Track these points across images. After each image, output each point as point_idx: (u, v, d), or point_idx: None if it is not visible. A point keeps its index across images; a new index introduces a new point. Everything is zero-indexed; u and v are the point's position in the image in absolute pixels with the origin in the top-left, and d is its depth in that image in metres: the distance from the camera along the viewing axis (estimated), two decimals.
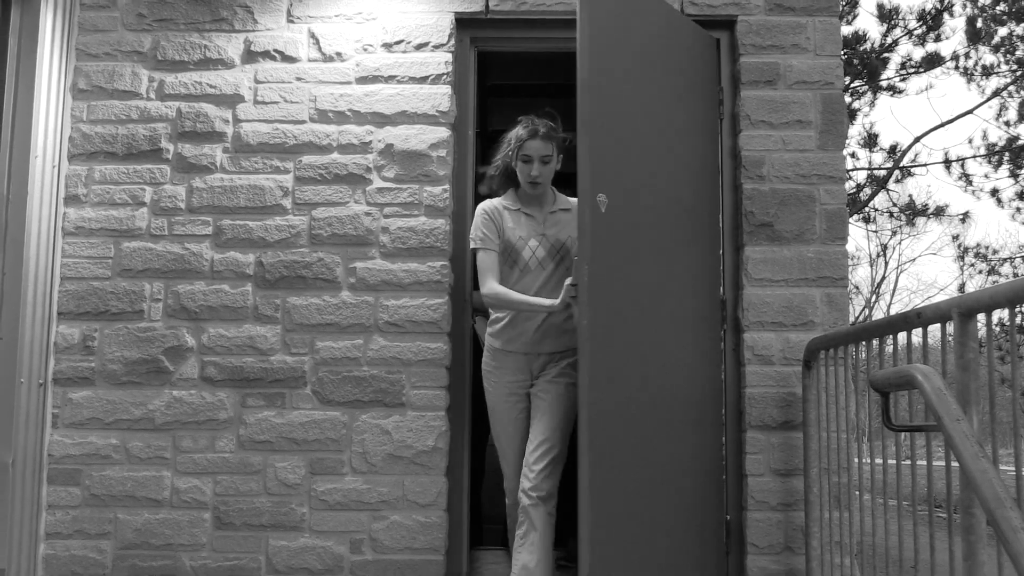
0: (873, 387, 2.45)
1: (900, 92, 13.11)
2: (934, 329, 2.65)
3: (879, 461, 3.05)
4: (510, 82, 6.56)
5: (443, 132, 3.80)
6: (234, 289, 3.74)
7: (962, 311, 2.31)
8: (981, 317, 2.37)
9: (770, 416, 3.64)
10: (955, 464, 2.41)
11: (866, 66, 11.76)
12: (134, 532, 3.61)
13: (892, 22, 12.65)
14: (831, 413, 3.38)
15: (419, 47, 3.85)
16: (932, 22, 12.68)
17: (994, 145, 13.97)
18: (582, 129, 3.10)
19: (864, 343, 3.12)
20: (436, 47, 3.85)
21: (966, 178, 14.31)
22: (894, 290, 22.94)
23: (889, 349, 2.98)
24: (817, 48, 3.84)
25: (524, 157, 3.45)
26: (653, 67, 3.47)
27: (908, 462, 3.11)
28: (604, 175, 3.16)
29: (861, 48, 12.29)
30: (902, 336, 2.80)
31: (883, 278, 22.25)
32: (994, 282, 15.36)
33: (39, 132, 3.63)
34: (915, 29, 12.82)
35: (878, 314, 21.63)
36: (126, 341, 3.71)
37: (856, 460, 3.33)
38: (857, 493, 3.36)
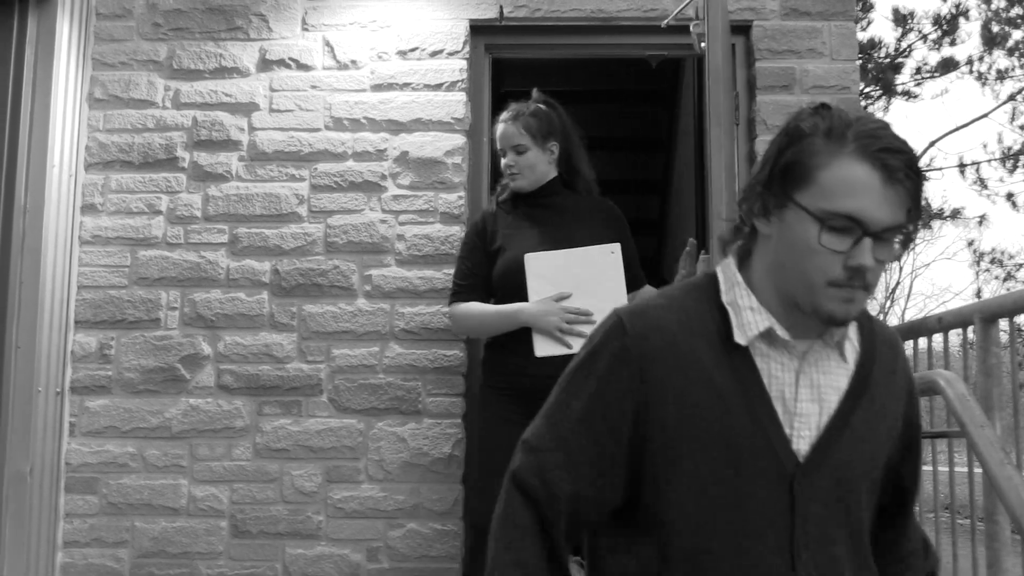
0: None
1: (915, 97, 13.07)
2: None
3: None
4: (524, 89, 6.56)
5: (458, 139, 3.80)
6: (250, 297, 3.74)
7: (985, 316, 2.29)
8: (1002, 323, 2.35)
9: None
10: (977, 470, 2.38)
11: (880, 74, 11.73)
12: (151, 540, 3.61)
13: (907, 26, 12.62)
14: None
15: (434, 54, 3.85)
16: (947, 26, 12.64)
17: (1009, 149, 13.92)
18: (715, 123, 3.05)
19: None
20: (451, 54, 3.85)
21: (981, 182, 14.26)
22: (908, 295, 22.86)
23: (908, 354, 2.95)
24: (833, 53, 3.82)
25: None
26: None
27: (928, 468, 3.08)
28: None
29: (875, 53, 12.26)
30: (922, 341, 2.78)
31: (897, 283, 22.17)
32: (1008, 288, 15.26)
33: (56, 142, 3.64)
34: (930, 34, 12.78)
35: (892, 319, 21.53)
36: (143, 349, 3.72)
37: None
38: None
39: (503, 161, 3.26)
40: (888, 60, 12.48)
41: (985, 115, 14.20)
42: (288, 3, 3.90)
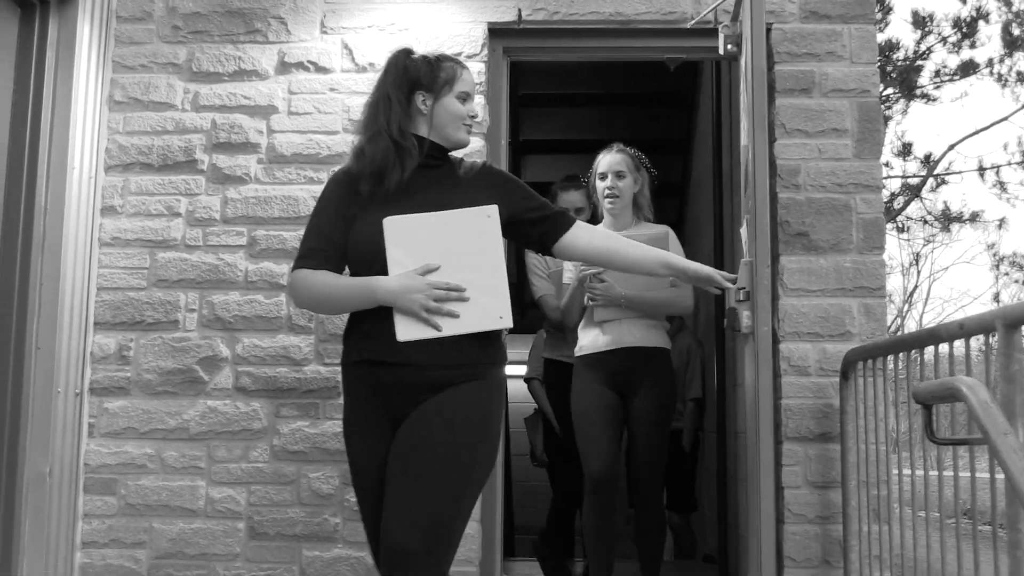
0: (916, 400, 2.41)
1: (934, 100, 13.00)
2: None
3: (919, 473, 3.00)
4: (542, 92, 6.57)
5: (476, 142, 3.79)
6: (268, 299, 3.75)
7: (1007, 322, 2.26)
8: None
9: (807, 428, 3.59)
10: (1000, 477, 2.36)
11: (904, 76, 11.65)
12: (169, 541, 3.62)
13: (926, 29, 12.54)
14: (869, 425, 3.33)
15: None
16: (967, 29, 12.56)
17: None
18: (759, 125, 3.10)
19: (903, 354, 3.08)
20: (469, 57, 3.84)
21: (1001, 185, 14.17)
22: (927, 299, 22.67)
23: (928, 360, 2.93)
24: (853, 56, 3.79)
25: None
26: None
27: (949, 474, 3.06)
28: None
29: (894, 55, 12.19)
30: (943, 347, 2.76)
31: (916, 287, 22.01)
32: None
33: (76, 144, 3.66)
34: (949, 36, 12.70)
35: (911, 324, 21.38)
36: (161, 351, 3.73)
37: (896, 472, 3.28)
38: (896, 507, 3.31)
39: (464, 106, 2.67)
40: (907, 63, 12.41)
41: (1005, 118, 14.09)
42: (307, 6, 3.91)
